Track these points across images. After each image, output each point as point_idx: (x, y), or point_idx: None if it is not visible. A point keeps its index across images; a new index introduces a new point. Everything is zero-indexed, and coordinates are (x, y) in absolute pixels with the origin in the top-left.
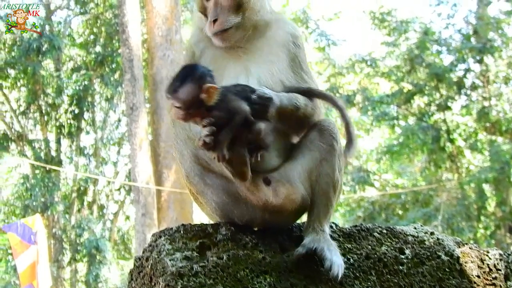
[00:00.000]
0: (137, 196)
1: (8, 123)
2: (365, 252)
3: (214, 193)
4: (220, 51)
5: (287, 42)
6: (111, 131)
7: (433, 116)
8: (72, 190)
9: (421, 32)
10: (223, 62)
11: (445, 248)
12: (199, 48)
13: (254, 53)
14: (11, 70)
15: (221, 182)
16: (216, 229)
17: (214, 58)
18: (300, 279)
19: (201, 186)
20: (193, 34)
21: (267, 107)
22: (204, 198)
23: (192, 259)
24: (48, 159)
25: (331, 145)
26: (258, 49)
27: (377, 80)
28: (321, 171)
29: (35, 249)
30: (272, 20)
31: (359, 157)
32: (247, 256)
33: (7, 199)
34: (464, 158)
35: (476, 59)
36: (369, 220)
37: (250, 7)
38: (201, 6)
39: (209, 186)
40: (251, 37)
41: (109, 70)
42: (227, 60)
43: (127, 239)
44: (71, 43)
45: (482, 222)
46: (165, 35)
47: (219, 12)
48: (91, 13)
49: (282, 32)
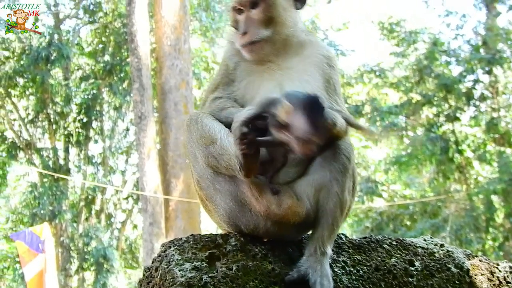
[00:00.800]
0: (145, 205)
1: (16, 131)
2: (375, 263)
3: (222, 199)
4: (254, 66)
5: (321, 63)
6: (119, 140)
7: (442, 127)
8: (80, 199)
9: (430, 42)
10: (256, 76)
11: (455, 260)
12: (233, 62)
13: (288, 70)
14: (20, 78)
15: (229, 187)
16: (226, 239)
17: (248, 72)
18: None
19: (211, 191)
20: (227, 48)
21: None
22: (213, 204)
23: (201, 270)
24: (56, 167)
25: (343, 165)
26: (292, 67)
27: (386, 91)
28: (330, 190)
29: (43, 257)
30: (306, 40)
31: (367, 168)
32: (257, 267)
33: (15, 207)
34: (472, 169)
35: (485, 70)
36: (377, 231)
37: (282, 22)
38: (233, 20)
39: (218, 191)
40: (285, 53)
41: (117, 79)
42: (260, 74)
43: (134, 248)
44: (79, 52)
45: (491, 233)
46: (174, 45)
47: (250, 25)
48: (100, 22)
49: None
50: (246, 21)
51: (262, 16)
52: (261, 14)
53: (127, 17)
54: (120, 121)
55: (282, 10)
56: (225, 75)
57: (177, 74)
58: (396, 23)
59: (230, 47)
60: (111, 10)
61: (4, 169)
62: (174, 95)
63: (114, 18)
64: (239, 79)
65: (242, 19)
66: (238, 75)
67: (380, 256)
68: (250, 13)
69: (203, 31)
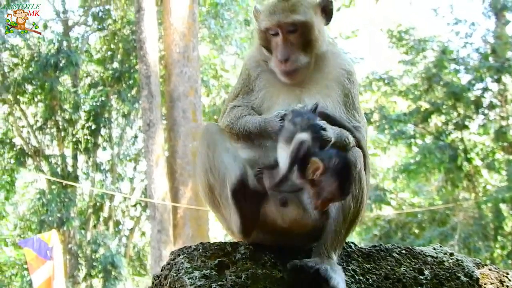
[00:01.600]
0: (153, 212)
1: (25, 138)
2: (384, 272)
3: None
4: (275, 77)
5: (342, 78)
6: (128, 147)
7: (450, 135)
8: (88, 206)
9: (439, 51)
10: (277, 87)
11: (465, 269)
12: (256, 72)
13: (308, 84)
14: (28, 85)
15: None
16: (235, 248)
17: (269, 83)
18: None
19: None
20: (251, 59)
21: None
22: (222, 216)
23: (210, 278)
24: (65, 174)
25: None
26: (313, 81)
27: (394, 99)
28: None
29: (51, 264)
30: (329, 52)
31: (376, 176)
32: (266, 275)
33: (23, 214)
34: (481, 178)
35: (494, 78)
36: (385, 239)
37: (318, 44)
38: (265, 40)
39: (224, 206)
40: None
41: (126, 86)
42: (281, 86)
43: (142, 255)
44: (88, 59)
45: (499, 242)
46: (183, 52)
47: (290, 51)
48: (109, 29)
49: (338, 67)
50: (285, 46)
51: (301, 41)
52: (300, 38)
53: (136, 24)
54: (128, 128)
55: (318, 33)
56: (246, 84)
57: (186, 81)
58: (405, 31)
59: (253, 58)
60: (120, 17)
61: (13, 176)
62: (183, 103)
63: (123, 25)
64: (258, 88)
65: (280, 42)
66: (258, 84)
67: (389, 264)
68: (288, 37)
69: (212, 38)
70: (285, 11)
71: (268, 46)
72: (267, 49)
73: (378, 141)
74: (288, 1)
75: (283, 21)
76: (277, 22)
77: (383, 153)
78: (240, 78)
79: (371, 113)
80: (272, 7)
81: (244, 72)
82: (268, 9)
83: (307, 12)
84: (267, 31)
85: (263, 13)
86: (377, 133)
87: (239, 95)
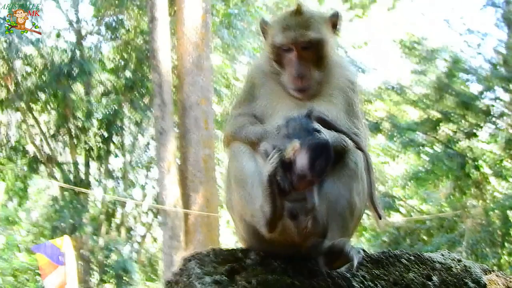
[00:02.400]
0: (165, 218)
1: (38, 145)
2: (393, 278)
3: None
4: (279, 87)
5: (346, 87)
6: (140, 155)
7: (459, 143)
8: (101, 212)
9: (451, 61)
10: (280, 96)
11: (472, 275)
12: (261, 81)
13: (313, 91)
14: (41, 93)
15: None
16: (246, 253)
17: (272, 91)
18: None
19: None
20: (257, 68)
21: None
22: (236, 227)
23: (221, 283)
24: (77, 181)
25: (351, 170)
26: (317, 89)
27: (405, 108)
28: (338, 194)
29: (63, 269)
30: (334, 62)
31: (385, 183)
32: (276, 280)
33: (36, 220)
34: (489, 185)
35: (505, 88)
36: (394, 245)
37: (329, 59)
38: (277, 54)
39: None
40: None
41: (138, 95)
42: (285, 94)
43: (154, 261)
44: (101, 68)
45: (507, 248)
46: (195, 62)
47: (304, 68)
48: (122, 39)
49: (342, 77)
50: (300, 63)
51: (314, 57)
52: (314, 55)
53: (149, 34)
54: (140, 136)
55: (329, 48)
56: (250, 92)
57: (198, 90)
58: (417, 42)
59: (260, 67)
60: (133, 27)
61: (26, 183)
62: (195, 111)
63: (136, 35)
64: (262, 96)
65: (295, 60)
66: (261, 92)
67: (398, 270)
68: (303, 53)
69: (225, 48)
70: (300, 27)
71: (280, 60)
72: (279, 63)
73: (388, 149)
74: (302, 16)
75: (300, 39)
76: (293, 39)
77: (393, 160)
78: (245, 87)
79: (382, 121)
80: (286, 23)
81: (249, 80)
82: (281, 24)
83: (321, 29)
84: (281, 47)
85: (275, 27)
86: (387, 141)
87: (243, 103)
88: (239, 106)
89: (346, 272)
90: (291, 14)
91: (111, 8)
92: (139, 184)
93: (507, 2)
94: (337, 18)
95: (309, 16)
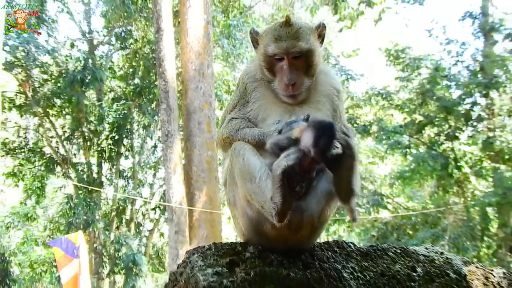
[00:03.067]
0: (171, 215)
1: (54, 147)
2: (381, 269)
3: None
4: (270, 91)
5: (332, 95)
6: (148, 156)
7: (442, 145)
8: (112, 209)
9: (432, 68)
10: (271, 101)
11: (454, 267)
12: (253, 86)
13: (303, 96)
14: (57, 99)
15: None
16: (245, 247)
17: (264, 96)
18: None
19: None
20: (248, 74)
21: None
22: (236, 224)
23: (222, 275)
24: (90, 181)
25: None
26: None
27: (391, 112)
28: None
29: (78, 262)
30: (321, 70)
31: (374, 182)
32: (273, 272)
33: (53, 217)
34: (470, 184)
35: (483, 93)
36: (382, 239)
37: (318, 67)
38: (269, 63)
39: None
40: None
41: (146, 100)
42: (276, 99)
43: (161, 254)
44: (112, 75)
45: (485, 242)
46: (198, 69)
47: (295, 75)
48: (131, 48)
49: (328, 84)
50: (291, 71)
51: (304, 66)
52: (304, 63)
53: (156, 44)
54: (148, 138)
55: (317, 57)
56: (242, 96)
57: (201, 96)
58: (401, 50)
59: (252, 73)
60: (141, 37)
61: (43, 182)
62: (198, 115)
63: (143, 44)
64: (254, 100)
65: (286, 68)
66: (254, 96)
67: (385, 262)
68: (293, 62)
69: (225, 56)
70: (291, 38)
71: (271, 68)
72: (270, 71)
73: (377, 151)
74: (291, 28)
75: (291, 49)
76: (285, 49)
77: (381, 161)
78: (237, 91)
79: (370, 125)
80: (277, 33)
81: (241, 85)
82: (273, 35)
83: (310, 39)
84: (273, 56)
85: (267, 38)
86: (376, 143)
87: (236, 106)
88: (233, 109)
89: (337, 264)
90: (281, 25)
91: (121, 20)
92: (148, 183)
93: (484, 14)
94: (322, 29)
95: (298, 28)
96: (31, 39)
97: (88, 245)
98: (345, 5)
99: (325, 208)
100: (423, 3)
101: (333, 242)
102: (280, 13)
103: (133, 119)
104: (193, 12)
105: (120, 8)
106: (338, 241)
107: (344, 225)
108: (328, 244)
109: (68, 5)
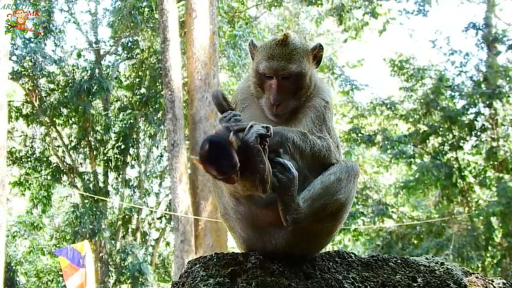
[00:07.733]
0: (177, 224)
1: (60, 157)
2: (381, 280)
3: (242, 228)
4: (261, 111)
5: (318, 105)
6: (154, 165)
7: (446, 155)
8: (118, 218)
9: (436, 78)
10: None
11: (454, 277)
12: (244, 104)
13: (288, 115)
14: (63, 109)
15: (249, 215)
16: (246, 257)
17: (253, 109)
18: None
19: (233, 222)
20: (242, 90)
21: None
22: (234, 234)
23: (223, 285)
24: (96, 190)
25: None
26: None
27: (396, 122)
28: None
29: (83, 271)
30: (312, 89)
31: (378, 192)
32: (274, 282)
33: (59, 226)
34: (474, 193)
35: (486, 103)
36: (387, 249)
37: (308, 88)
38: (259, 79)
39: (239, 221)
40: None
41: (152, 110)
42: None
43: (167, 263)
44: (118, 85)
45: (490, 251)
46: (204, 79)
47: (282, 96)
48: (137, 58)
49: (317, 97)
50: (278, 91)
51: (293, 87)
52: (293, 85)
53: (162, 54)
54: (154, 148)
55: (308, 80)
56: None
57: (207, 105)
58: (406, 61)
59: (244, 90)
60: (147, 47)
61: (49, 191)
62: (204, 125)
63: (150, 54)
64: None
65: (273, 86)
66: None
67: (386, 273)
68: (282, 82)
69: (231, 67)
70: (283, 59)
71: (261, 84)
72: (260, 87)
73: (381, 160)
74: (286, 48)
75: (280, 71)
76: (275, 70)
77: (386, 171)
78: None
79: (375, 134)
80: (271, 52)
81: (234, 98)
82: (266, 52)
83: (302, 61)
84: (263, 74)
85: (260, 54)
86: (380, 153)
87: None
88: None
89: (338, 275)
90: (277, 44)
91: (127, 30)
92: (153, 192)
93: (487, 25)
94: (319, 50)
95: (292, 48)
96: (38, 49)
97: (94, 255)
98: (350, 16)
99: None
100: (427, 14)
101: (334, 252)
102: (285, 24)
103: (139, 128)
104: (199, 22)
105: (127, 18)
106: (339, 251)
107: (349, 234)
108: (329, 254)
109: (75, 15)
